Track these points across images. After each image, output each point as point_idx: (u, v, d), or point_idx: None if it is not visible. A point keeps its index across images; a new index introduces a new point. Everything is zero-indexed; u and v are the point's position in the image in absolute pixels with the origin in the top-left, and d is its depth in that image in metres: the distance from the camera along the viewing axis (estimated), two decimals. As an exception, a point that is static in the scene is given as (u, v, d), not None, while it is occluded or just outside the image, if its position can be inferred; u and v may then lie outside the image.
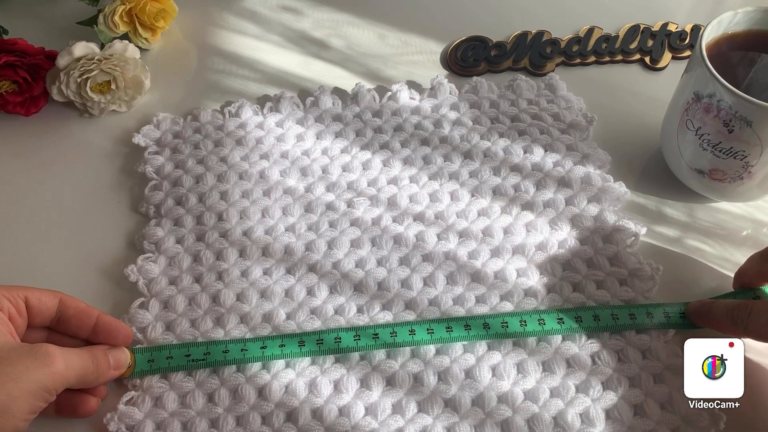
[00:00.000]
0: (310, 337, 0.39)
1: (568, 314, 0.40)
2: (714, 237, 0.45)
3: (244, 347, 0.39)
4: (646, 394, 0.37)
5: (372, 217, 0.46)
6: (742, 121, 0.39)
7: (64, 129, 0.53)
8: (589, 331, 0.39)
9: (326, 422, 0.37)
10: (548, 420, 0.37)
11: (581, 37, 0.57)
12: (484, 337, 0.39)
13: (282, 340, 0.39)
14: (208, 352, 0.39)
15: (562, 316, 0.39)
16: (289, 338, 0.39)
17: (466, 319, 0.40)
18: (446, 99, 0.52)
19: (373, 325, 0.40)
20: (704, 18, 0.58)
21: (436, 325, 0.40)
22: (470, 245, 0.44)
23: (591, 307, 0.40)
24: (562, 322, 0.39)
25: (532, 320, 0.39)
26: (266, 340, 0.39)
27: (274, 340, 0.39)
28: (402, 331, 0.39)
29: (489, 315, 0.40)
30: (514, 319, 0.39)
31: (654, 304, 0.40)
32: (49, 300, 0.38)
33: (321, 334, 0.39)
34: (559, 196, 0.46)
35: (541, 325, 0.39)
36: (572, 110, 0.51)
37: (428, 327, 0.39)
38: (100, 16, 0.55)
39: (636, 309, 0.40)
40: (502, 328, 0.39)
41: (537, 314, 0.40)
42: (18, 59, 0.51)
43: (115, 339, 0.39)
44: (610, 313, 0.40)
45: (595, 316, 0.40)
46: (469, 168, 0.48)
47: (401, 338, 0.39)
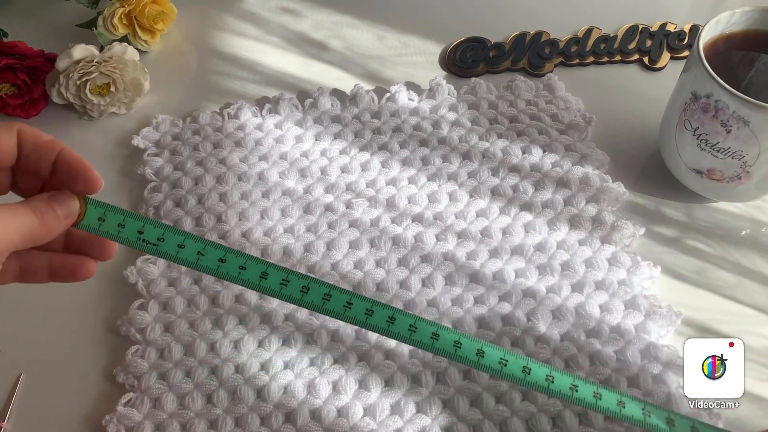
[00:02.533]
0: (318, 288, 0.33)
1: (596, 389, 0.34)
2: (713, 237, 0.45)
3: (223, 258, 0.32)
4: (644, 394, 0.37)
5: (371, 218, 0.46)
6: (739, 121, 0.39)
7: (63, 131, 0.53)
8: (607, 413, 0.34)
9: (325, 423, 0.37)
10: (547, 420, 0.37)
11: (580, 37, 0.57)
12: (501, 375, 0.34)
13: (285, 275, 0.32)
14: (162, 238, 0.32)
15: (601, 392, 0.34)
16: (290, 274, 0.33)
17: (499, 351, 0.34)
18: (445, 100, 0.52)
19: (393, 308, 0.33)
20: (703, 18, 0.58)
21: (465, 339, 0.33)
22: (469, 246, 0.44)
23: (614, 391, 0.35)
24: (599, 397, 0.34)
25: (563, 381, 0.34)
26: (269, 267, 0.33)
27: (277, 272, 0.33)
28: (423, 330, 0.33)
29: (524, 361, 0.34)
30: (563, 378, 0.34)
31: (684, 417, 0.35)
32: (5, 134, 0.31)
33: (331, 289, 0.33)
34: (557, 196, 0.46)
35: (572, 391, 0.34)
36: (571, 111, 0.51)
37: (456, 339, 0.33)
38: (99, 19, 0.55)
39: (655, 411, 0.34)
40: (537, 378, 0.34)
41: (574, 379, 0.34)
42: (18, 62, 0.51)
43: (74, 184, 0.31)
44: (640, 407, 0.34)
45: (619, 402, 0.34)
46: (468, 169, 0.48)
47: (419, 337, 0.33)
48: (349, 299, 0.33)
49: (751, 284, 0.43)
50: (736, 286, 0.43)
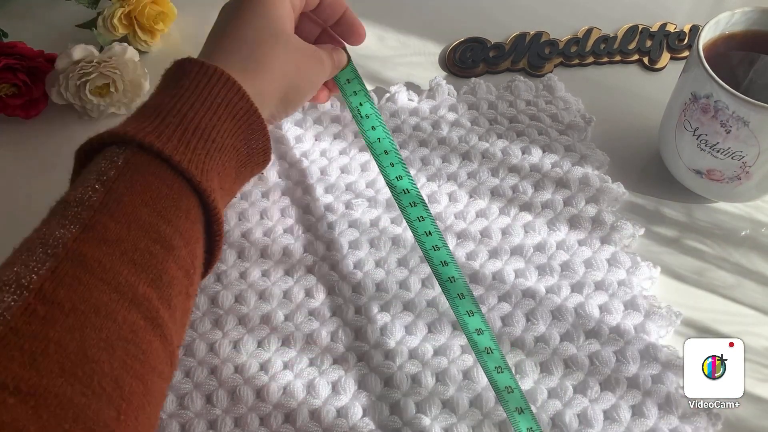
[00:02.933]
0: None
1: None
2: (712, 237, 0.45)
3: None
4: (643, 395, 0.37)
5: (370, 218, 0.46)
6: (739, 122, 0.39)
7: (63, 132, 0.53)
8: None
9: (324, 423, 0.37)
10: (546, 421, 0.37)
11: (580, 37, 0.57)
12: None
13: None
14: (374, 128, 0.45)
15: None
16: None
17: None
18: (445, 100, 0.52)
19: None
20: (703, 18, 0.58)
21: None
22: (468, 246, 0.44)
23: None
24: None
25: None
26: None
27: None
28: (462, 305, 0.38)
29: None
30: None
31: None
32: None
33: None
34: (557, 196, 0.46)
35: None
36: (570, 111, 0.51)
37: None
38: (99, 19, 0.55)
39: None
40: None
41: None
42: (17, 62, 0.51)
43: (350, 37, 0.46)
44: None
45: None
46: (468, 169, 0.48)
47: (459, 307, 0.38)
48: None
49: (750, 284, 0.43)
50: (735, 286, 0.43)
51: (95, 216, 0.29)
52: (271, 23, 0.39)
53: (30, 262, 0.27)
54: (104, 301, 0.28)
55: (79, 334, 0.26)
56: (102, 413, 0.26)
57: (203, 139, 0.34)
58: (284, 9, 0.41)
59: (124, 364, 0.27)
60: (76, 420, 0.25)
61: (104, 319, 0.27)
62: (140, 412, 0.28)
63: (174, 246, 0.31)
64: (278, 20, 0.40)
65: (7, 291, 0.26)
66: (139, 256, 0.29)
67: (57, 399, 0.25)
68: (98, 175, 0.31)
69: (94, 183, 0.31)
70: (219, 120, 0.35)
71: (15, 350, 0.25)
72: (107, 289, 0.28)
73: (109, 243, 0.29)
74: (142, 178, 0.31)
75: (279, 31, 0.40)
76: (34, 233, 0.30)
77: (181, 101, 0.34)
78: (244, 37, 0.38)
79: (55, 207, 0.31)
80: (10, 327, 0.25)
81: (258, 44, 0.38)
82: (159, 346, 0.29)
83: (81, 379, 0.25)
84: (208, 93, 0.35)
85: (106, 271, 0.28)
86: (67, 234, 0.28)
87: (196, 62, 0.36)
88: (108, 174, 0.31)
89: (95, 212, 0.29)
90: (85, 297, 0.27)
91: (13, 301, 0.26)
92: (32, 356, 0.25)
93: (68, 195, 0.31)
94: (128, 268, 0.29)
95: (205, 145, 0.34)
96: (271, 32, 0.39)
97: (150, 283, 0.29)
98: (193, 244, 0.33)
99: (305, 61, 0.41)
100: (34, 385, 0.24)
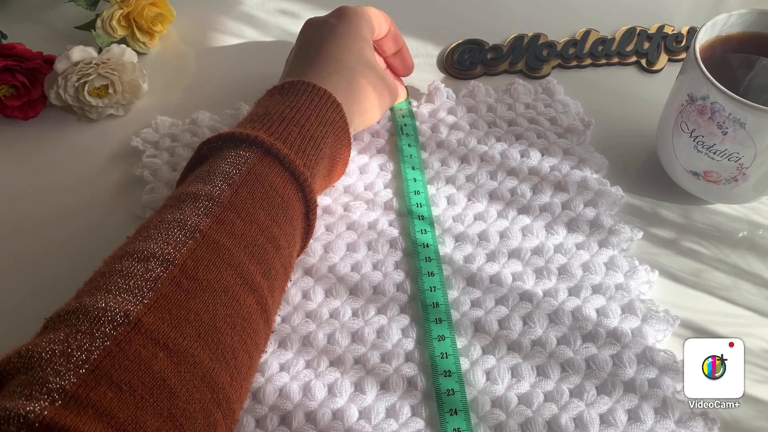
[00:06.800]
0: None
1: None
2: (710, 239, 0.45)
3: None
4: (640, 398, 0.37)
5: (368, 220, 0.46)
6: (735, 123, 0.39)
7: (62, 133, 0.53)
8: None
9: (320, 426, 0.37)
10: (542, 424, 0.37)
11: (577, 39, 0.57)
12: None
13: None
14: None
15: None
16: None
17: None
18: (443, 103, 0.52)
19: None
20: (701, 20, 0.57)
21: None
22: (466, 249, 0.44)
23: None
24: None
25: None
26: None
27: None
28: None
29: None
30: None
31: None
32: (386, 21, 0.49)
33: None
34: (555, 199, 0.46)
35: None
36: (569, 114, 0.51)
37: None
38: (97, 21, 0.55)
39: None
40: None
41: None
42: (16, 63, 0.51)
43: (401, 69, 0.52)
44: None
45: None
46: (466, 172, 0.48)
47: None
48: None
49: (747, 286, 0.43)
50: (732, 287, 0.43)
51: (224, 212, 0.34)
52: (366, 51, 0.45)
53: (170, 240, 0.32)
54: (230, 284, 0.33)
55: (212, 307, 0.31)
56: (221, 377, 0.30)
57: (314, 148, 0.40)
58: (371, 35, 0.47)
59: (241, 339, 0.32)
60: (203, 378, 0.30)
61: (230, 299, 0.32)
62: (244, 382, 0.33)
63: (281, 246, 0.36)
64: (369, 48, 0.46)
65: (154, 261, 0.31)
66: (257, 251, 0.35)
67: (193, 359, 0.30)
68: (224, 176, 0.36)
69: (221, 183, 0.36)
70: (326, 134, 0.41)
71: (165, 313, 0.30)
72: (234, 273, 0.33)
73: (236, 236, 0.34)
74: (261, 187, 0.37)
75: (371, 59, 0.46)
76: (164, 215, 0.34)
77: (299, 113, 0.40)
78: (346, 64, 0.44)
79: (182, 196, 0.35)
80: (161, 293, 0.30)
81: (359, 72, 0.44)
82: (264, 329, 0.35)
83: (210, 345, 0.31)
84: (319, 110, 0.41)
85: (233, 258, 0.33)
86: (201, 223, 0.33)
87: (310, 84, 0.42)
88: (233, 178, 0.36)
89: (224, 209, 0.35)
90: (218, 277, 0.32)
91: (162, 271, 0.31)
92: (178, 321, 0.30)
93: (196, 188, 0.36)
94: (249, 259, 0.34)
95: (314, 152, 0.40)
96: (367, 62, 0.45)
97: (263, 274, 0.35)
98: (292, 247, 0.38)
99: (386, 91, 0.47)
100: (179, 345, 0.29)
